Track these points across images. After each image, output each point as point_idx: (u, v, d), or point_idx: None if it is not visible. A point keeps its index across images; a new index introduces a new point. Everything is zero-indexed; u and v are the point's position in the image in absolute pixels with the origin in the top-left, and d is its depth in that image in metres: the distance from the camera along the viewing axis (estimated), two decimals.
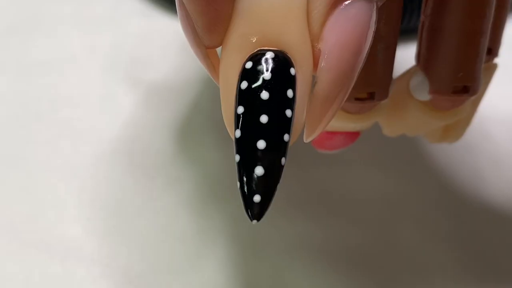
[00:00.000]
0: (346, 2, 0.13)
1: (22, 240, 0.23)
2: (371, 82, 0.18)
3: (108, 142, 0.27)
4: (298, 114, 0.13)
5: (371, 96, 0.18)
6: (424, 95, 0.19)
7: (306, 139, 0.14)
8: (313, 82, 0.13)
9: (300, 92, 0.13)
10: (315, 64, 0.13)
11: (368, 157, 0.27)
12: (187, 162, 0.27)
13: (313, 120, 0.14)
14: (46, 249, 0.23)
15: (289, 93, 0.12)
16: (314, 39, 0.13)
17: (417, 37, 0.19)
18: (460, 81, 0.18)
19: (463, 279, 0.24)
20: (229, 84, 0.13)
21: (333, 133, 0.21)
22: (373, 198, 0.26)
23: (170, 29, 0.32)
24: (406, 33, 0.20)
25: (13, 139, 0.27)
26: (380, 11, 0.17)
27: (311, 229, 0.25)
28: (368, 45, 0.13)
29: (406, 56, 0.21)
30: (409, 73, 0.20)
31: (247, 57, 0.13)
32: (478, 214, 0.26)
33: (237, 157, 0.13)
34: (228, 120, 0.13)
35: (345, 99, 0.14)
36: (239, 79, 0.13)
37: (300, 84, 0.13)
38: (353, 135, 0.21)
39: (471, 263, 0.24)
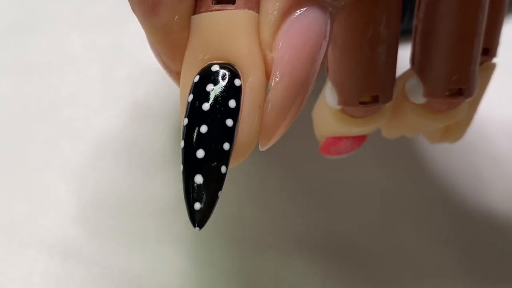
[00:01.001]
0: (299, 12, 0.13)
1: (22, 240, 0.23)
2: (374, 85, 0.18)
3: (108, 142, 0.27)
4: (248, 123, 0.13)
5: (375, 100, 0.18)
6: (420, 98, 0.19)
7: (262, 148, 0.14)
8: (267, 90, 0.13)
9: (249, 102, 0.13)
10: (268, 72, 0.13)
11: (368, 158, 0.27)
12: None
13: (268, 129, 0.14)
14: (46, 249, 0.23)
15: (231, 103, 0.13)
16: (267, 48, 0.13)
17: (408, 39, 0.19)
18: (455, 84, 0.18)
19: (463, 279, 0.24)
20: (184, 99, 0.13)
21: (339, 139, 0.21)
22: (373, 198, 0.26)
23: None
24: (406, 34, 0.20)
25: (13, 139, 0.27)
26: (380, 14, 0.17)
27: (311, 229, 0.25)
28: (322, 53, 0.13)
29: (406, 56, 0.21)
30: (404, 76, 0.20)
31: (197, 71, 0.13)
32: (478, 214, 0.26)
33: (181, 167, 0.13)
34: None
35: (301, 108, 0.14)
36: (189, 92, 0.13)
37: (248, 94, 0.13)
38: (360, 139, 0.21)
39: (471, 263, 0.24)
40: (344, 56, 0.18)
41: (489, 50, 0.20)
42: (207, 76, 0.13)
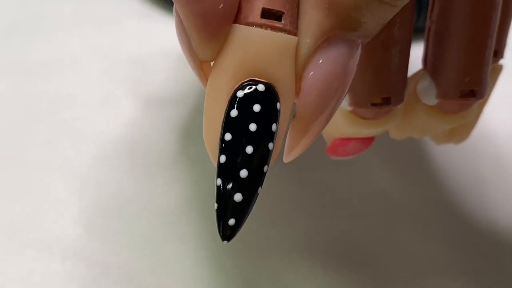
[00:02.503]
0: (329, 46, 0.13)
1: (22, 240, 0.23)
2: (386, 87, 0.18)
3: (109, 142, 0.27)
4: (276, 147, 0.14)
5: (387, 101, 0.18)
6: (431, 99, 0.19)
7: (285, 160, 0.16)
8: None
9: (282, 126, 0.14)
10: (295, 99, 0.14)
11: (369, 158, 0.27)
12: (187, 162, 0.27)
13: (291, 147, 0.15)
14: (46, 249, 0.23)
15: (273, 127, 0.13)
16: (298, 77, 0.14)
17: (424, 36, 0.19)
18: (467, 85, 0.18)
19: (462, 279, 0.24)
20: (216, 108, 0.14)
21: (347, 140, 0.21)
22: (373, 198, 0.26)
23: (170, 30, 0.32)
24: (422, 31, 0.20)
25: (14, 139, 0.27)
26: (393, 16, 0.17)
27: (311, 229, 0.25)
28: (349, 81, 0.14)
29: (414, 55, 0.21)
30: (416, 77, 0.20)
31: (237, 85, 0.13)
32: (478, 214, 0.26)
33: (219, 181, 0.13)
34: (211, 142, 0.14)
35: (323, 128, 0.14)
36: (228, 105, 0.13)
37: (282, 119, 0.14)
38: (368, 141, 0.21)
39: (470, 263, 0.24)
40: None
41: (497, 52, 0.20)
42: (254, 95, 0.13)
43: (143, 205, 0.25)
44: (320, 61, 0.13)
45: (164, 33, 0.32)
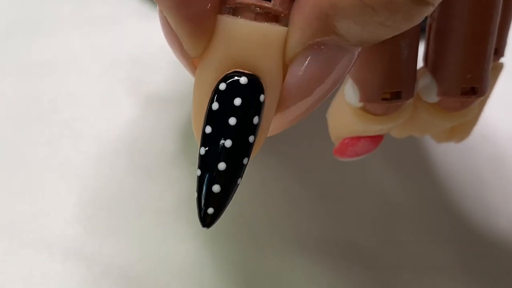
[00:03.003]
0: (320, 47, 0.13)
1: (22, 240, 0.23)
2: (396, 80, 0.18)
3: (109, 142, 0.27)
4: (261, 137, 0.14)
5: (397, 96, 0.18)
6: (432, 97, 0.19)
7: None
8: None
9: (266, 119, 0.14)
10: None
11: (369, 158, 0.27)
12: (187, 162, 0.27)
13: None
14: (46, 249, 0.23)
15: (255, 119, 0.13)
16: (286, 67, 0.14)
17: (424, 35, 0.19)
18: (468, 83, 0.18)
19: (463, 279, 0.24)
20: (201, 101, 0.14)
21: (357, 139, 0.20)
22: (373, 198, 0.26)
23: None
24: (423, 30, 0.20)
25: (14, 139, 0.27)
26: None
27: (311, 229, 0.25)
28: (334, 87, 0.14)
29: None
30: (417, 75, 0.20)
31: (221, 76, 0.13)
32: (478, 214, 0.26)
33: (198, 172, 0.14)
34: (198, 134, 0.14)
35: (298, 117, 0.14)
36: (211, 98, 0.13)
37: (267, 111, 0.14)
38: (377, 140, 0.20)
39: (471, 263, 0.24)
40: (367, 51, 0.17)
41: (497, 50, 0.20)
42: (235, 88, 0.13)
43: (143, 204, 0.25)
44: (307, 60, 0.13)
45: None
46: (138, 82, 0.30)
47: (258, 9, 0.13)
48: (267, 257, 0.24)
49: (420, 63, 0.20)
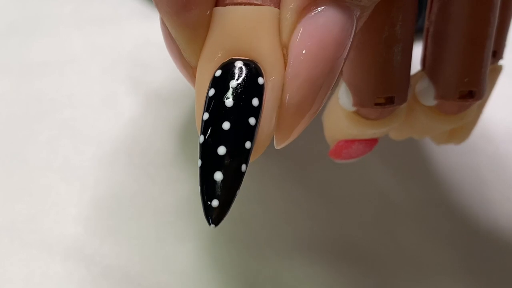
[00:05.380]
0: (316, 11, 0.13)
1: (22, 240, 0.23)
2: (389, 86, 0.18)
3: (109, 142, 0.27)
4: (266, 121, 0.13)
5: (390, 101, 0.18)
6: (430, 100, 0.19)
7: (277, 146, 0.14)
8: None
9: (270, 101, 0.13)
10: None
11: (369, 158, 0.27)
12: (187, 162, 0.27)
13: (285, 128, 0.14)
14: (46, 249, 0.23)
15: (255, 101, 0.13)
16: (284, 47, 0.13)
17: (422, 38, 0.19)
18: (466, 86, 0.18)
19: (463, 279, 0.24)
20: (201, 92, 0.13)
21: (351, 142, 0.20)
22: (373, 198, 0.26)
23: None
24: (422, 32, 0.20)
25: (14, 139, 0.27)
26: (396, 13, 0.17)
27: (311, 229, 0.25)
28: (343, 53, 0.13)
29: (413, 55, 0.21)
30: (414, 78, 0.20)
31: (218, 66, 0.13)
32: (478, 214, 0.26)
33: (199, 162, 0.13)
34: (199, 128, 0.13)
35: (320, 107, 0.13)
36: (208, 86, 0.13)
37: (270, 92, 0.13)
38: (372, 143, 0.21)
39: (471, 263, 0.24)
40: (359, 56, 0.17)
41: (496, 53, 0.20)
42: (230, 71, 0.13)
43: (143, 205, 0.25)
44: (305, 28, 0.13)
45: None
46: (138, 82, 0.30)
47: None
48: (267, 257, 0.24)
49: (418, 66, 0.20)
